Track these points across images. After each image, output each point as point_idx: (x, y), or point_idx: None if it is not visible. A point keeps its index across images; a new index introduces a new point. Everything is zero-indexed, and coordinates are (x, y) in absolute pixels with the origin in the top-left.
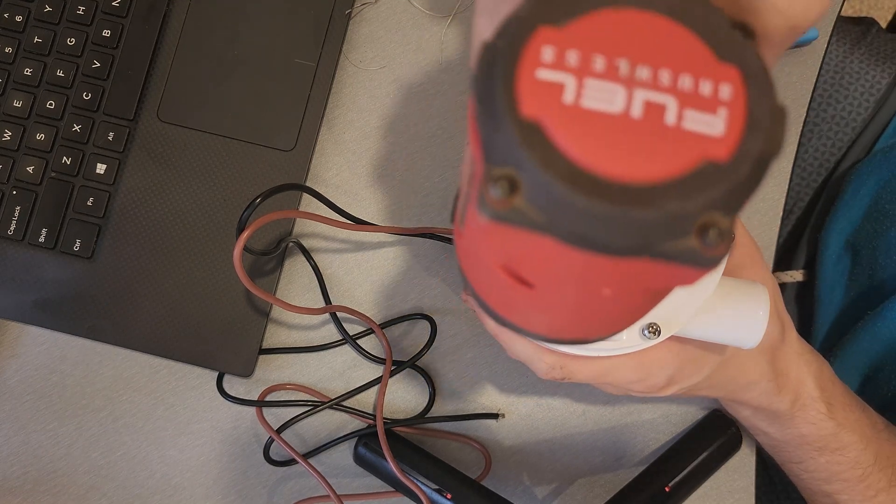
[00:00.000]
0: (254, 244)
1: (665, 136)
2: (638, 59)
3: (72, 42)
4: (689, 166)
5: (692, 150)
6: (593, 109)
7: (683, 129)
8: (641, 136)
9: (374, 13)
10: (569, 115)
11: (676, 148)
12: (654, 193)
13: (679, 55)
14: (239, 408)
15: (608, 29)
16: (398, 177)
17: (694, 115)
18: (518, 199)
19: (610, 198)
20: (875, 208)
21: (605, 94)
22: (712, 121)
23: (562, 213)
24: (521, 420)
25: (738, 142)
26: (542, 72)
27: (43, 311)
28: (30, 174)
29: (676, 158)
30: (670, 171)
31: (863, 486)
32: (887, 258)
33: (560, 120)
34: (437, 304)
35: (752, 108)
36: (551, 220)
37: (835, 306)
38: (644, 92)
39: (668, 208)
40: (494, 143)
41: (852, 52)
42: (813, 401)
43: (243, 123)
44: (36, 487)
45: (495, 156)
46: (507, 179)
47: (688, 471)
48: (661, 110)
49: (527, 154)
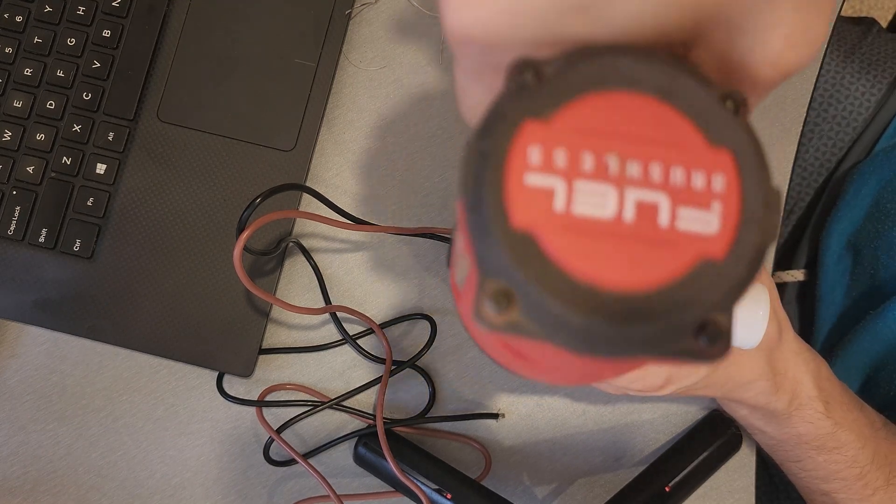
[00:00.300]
0: (254, 244)
1: (660, 239)
2: (627, 153)
3: (72, 42)
4: (685, 269)
5: (688, 252)
6: (585, 216)
7: (678, 231)
8: (636, 243)
9: (374, 13)
10: (561, 224)
11: (672, 251)
12: (652, 301)
13: (669, 142)
14: (239, 408)
15: (595, 117)
16: (398, 177)
17: (688, 212)
18: (514, 313)
19: (608, 314)
20: (876, 208)
21: (596, 197)
22: (707, 218)
23: (559, 326)
24: (521, 420)
25: (734, 237)
26: (531, 176)
27: (43, 311)
28: (30, 174)
29: (672, 262)
30: (667, 276)
31: (860, 485)
32: (889, 258)
33: (552, 230)
34: (437, 304)
35: (747, 198)
36: (549, 332)
37: (836, 306)
38: (636, 191)
39: (668, 319)
40: (487, 254)
41: (853, 53)
42: (810, 400)
43: (243, 123)
44: (36, 487)
45: (488, 267)
46: (503, 294)
47: (688, 471)
48: (653, 211)
49: (520, 270)
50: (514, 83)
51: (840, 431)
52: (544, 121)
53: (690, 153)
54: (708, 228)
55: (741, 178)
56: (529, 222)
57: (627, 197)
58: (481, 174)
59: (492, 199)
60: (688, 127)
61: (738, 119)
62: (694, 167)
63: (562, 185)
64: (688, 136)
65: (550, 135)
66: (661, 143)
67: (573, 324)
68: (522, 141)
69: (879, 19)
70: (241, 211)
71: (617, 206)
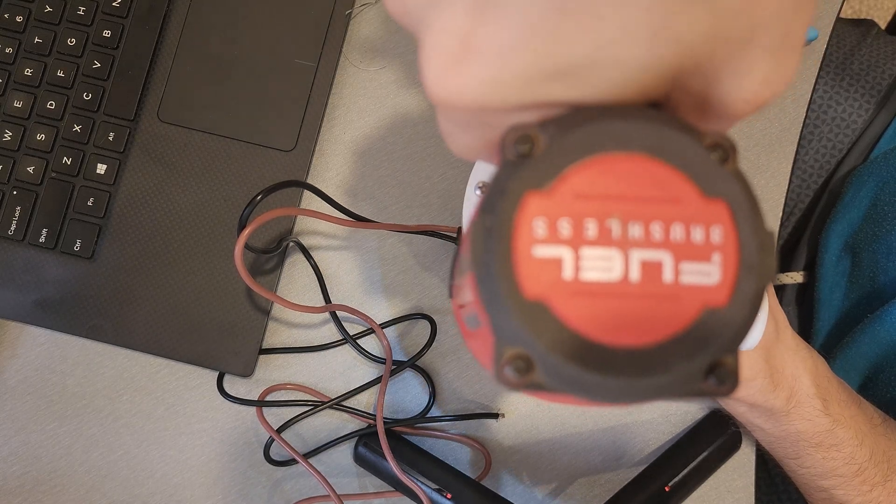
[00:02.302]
0: (254, 242)
1: (665, 295)
2: (628, 214)
3: (72, 42)
4: (691, 319)
5: (692, 303)
6: (593, 281)
7: (681, 285)
8: (643, 301)
9: (374, 13)
10: (571, 290)
11: (677, 304)
12: (663, 353)
13: (666, 199)
14: (239, 408)
15: (593, 182)
16: (398, 177)
17: (690, 267)
18: (534, 375)
19: (623, 370)
20: (874, 211)
21: (602, 262)
22: (708, 269)
23: (577, 384)
24: (521, 420)
25: (734, 284)
26: (538, 248)
27: (43, 311)
28: (30, 174)
29: (679, 314)
30: (675, 328)
31: (858, 482)
32: (887, 261)
33: (563, 297)
34: (437, 303)
35: (743, 245)
36: (568, 388)
37: (834, 308)
38: (639, 252)
39: (678, 368)
40: (502, 324)
41: (852, 54)
42: (808, 397)
43: (243, 123)
44: (36, 487)
45: (505, 336)
46: (521, 359)
47: (688, 470)
48: (658, 269)
49: (536, 339)
50: (511, 155)
51: (838, 429)
52: (545, 192)
53: (687, 207)
54: (710, 280)
55: (737, 226)
56: (541, 292)
57: (632, 258)
58: (490, 250)
59: (503, 273)
60: (682, 181)
61: (727, 168)
62: (692, 222)
63: (569, 254)
64: (683, 190)
65: (552, 205)
66: (658, 200)
67: (591, 383)
68: (527, 214)
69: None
70: (240, 211)
71: (623, 267)
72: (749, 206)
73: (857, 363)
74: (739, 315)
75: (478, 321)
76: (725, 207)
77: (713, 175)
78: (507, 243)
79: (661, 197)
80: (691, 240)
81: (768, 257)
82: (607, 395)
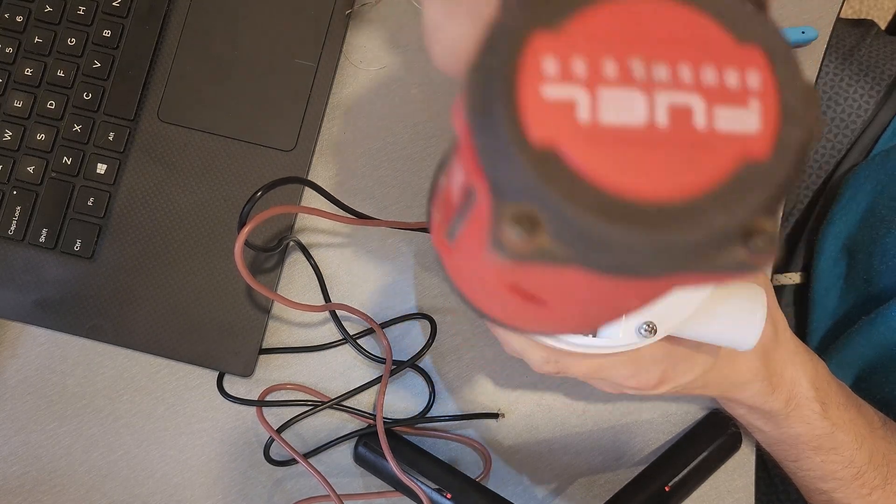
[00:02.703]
0: (254, 240)
1: (698, 142)
2: (652, 55)
3: (72, 42)
4: (729, 172)
5: (730, 154)
6: (614, 125)
7: (716, 132)
8: (673, 148)
9: (374, 13)
10: (587, 135)
11: (713, 154)
12: (695, 210)
13: (695, 43)
14: (239, 408)
15: (609, 23)
16: (398, 177)
17: (725, 112)
18: (541, 237)
19: (648, 224)
20: (871, 213)
21: (623, 103)
22: (746, 116)
23: (595, 246)
24: (521, 420)
25: (777, 134)
26: (547, 88)
27: (43, 311)
28: (30, 174)
29: (715, 166)
30: (710, 181)
31: (857, 485)
32: (882, 263)
33: (578, 143)
34: (437, 303)
35: (784, 93)
36: (582, 255)
37: (830, 310)
38: (666, 94)
39: (713, 225)
40: (504, 177)
41: (852, 55)
42: (807, 400)
43: (243, 123)
44: (36, 487)
45: (507, 191)
46: (526, 217)
47: (687, 470)
48: (688, 113)
49: (547, 188)
50: None
51: (837, 432)
52: (555, 30)
53: (719, 51)
54: (748, 127)
55: (776, 73)
56: (551, 136)
57: (658, 101)
58: (490, 91)
59: (506, 116)
60: (712, 25)
61: (762, 15)
62: (725, 65)
63: (584, 95)
64: (713, 34)
65: (564, 44)
66: (686, 43)
67: (610, 239)
68: (534, 52)
69: (879, 20)
70: (240, 211)
71: (648, 111)
72: (787, 54)
73: (851, 365)
74: (782, 171)
75: (463, 217)
76: (761, 53)
77: (747, 20)
78: (511, 83)
79: (688, 40)
80: (725, 84)
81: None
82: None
